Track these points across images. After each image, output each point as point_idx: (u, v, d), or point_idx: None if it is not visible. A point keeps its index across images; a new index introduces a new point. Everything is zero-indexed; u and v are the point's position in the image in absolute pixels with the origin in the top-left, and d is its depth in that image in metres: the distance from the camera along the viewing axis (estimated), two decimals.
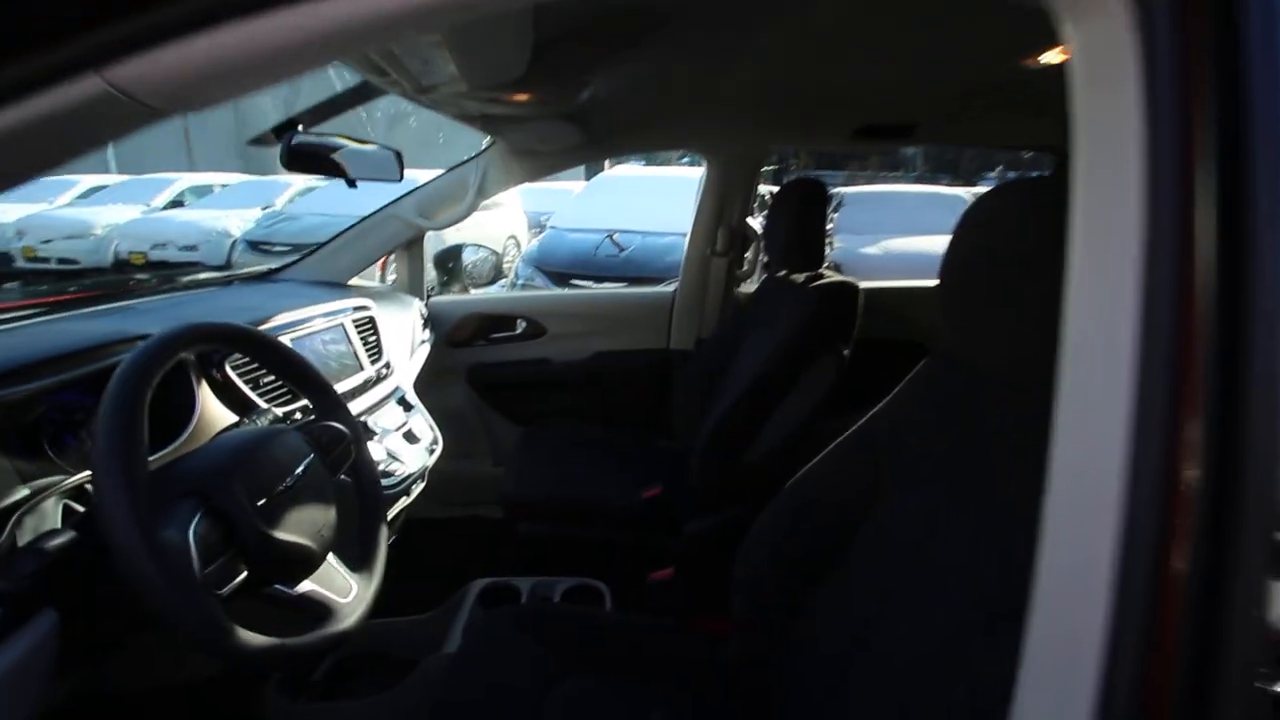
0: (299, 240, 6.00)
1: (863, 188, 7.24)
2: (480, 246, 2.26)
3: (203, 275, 1.67)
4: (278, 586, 0.74)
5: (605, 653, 1.02)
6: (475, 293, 2.13)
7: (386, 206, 1.78)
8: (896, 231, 4.66)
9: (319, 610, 0.76)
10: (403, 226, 1.79)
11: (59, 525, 0.74)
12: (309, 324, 1.21)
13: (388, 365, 1.39)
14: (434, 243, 2.20)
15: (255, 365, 1.02)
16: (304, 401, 1.09)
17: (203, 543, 0.63)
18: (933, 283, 1.97)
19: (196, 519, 0.64)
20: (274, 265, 1.79)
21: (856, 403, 1.13)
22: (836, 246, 4.85)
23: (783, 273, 1.67)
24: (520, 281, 4.50)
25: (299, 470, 0.77)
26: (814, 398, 1.38)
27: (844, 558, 0.91)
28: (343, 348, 1.26)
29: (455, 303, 1.99)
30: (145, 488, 0.59)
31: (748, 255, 2.04)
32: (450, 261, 2.13)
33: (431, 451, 1.36)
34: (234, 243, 6.32)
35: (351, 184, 1.09)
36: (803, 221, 1.48)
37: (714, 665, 1.05)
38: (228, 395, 0.96)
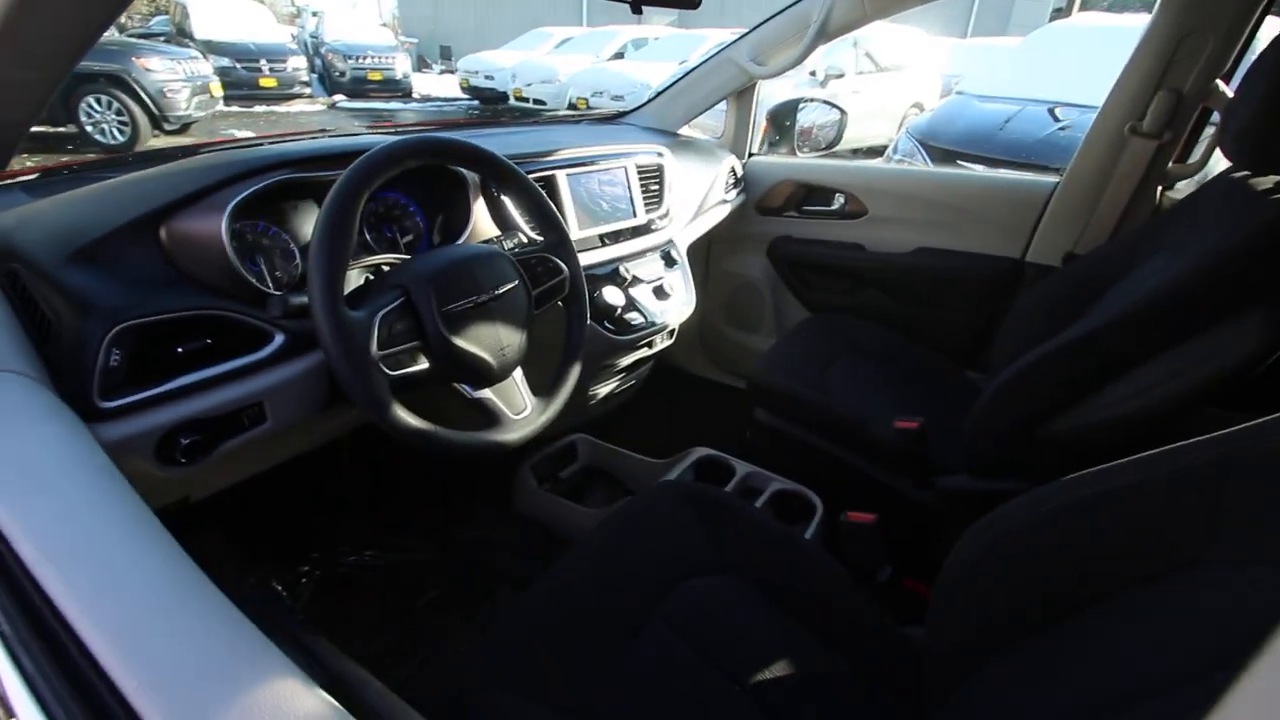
0: None
1: None
2: (828, 104, 1.99)
3: (562, 112, 1.85)
4: (463, 386, 0.84)
5: (770, 569, 0.92)
6: (802, 156, 1.92)
7: (723, 49, 1.67)
8: None
9: (489, 417, 0.85)
10: (736, 73, 1.67)
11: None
12: (593, 164, 1.26)
13: (665, 216, 1.38)
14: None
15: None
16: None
17: (389, 329, 0.74)
18: None
19: (389, 308, 0.74)
20: (622, 109, 1.88)
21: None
22: None
23: (1244, 173, 1.05)
24: (897, 157, 3.94)
25: (498, 291, 0.82)
26: (1205, 371, 0.90)
27: (1111, 606, 0.62)
28: (619, 190, 1.28)
29: (774, 165, 1.83)
30: (342, 274, 0.70)
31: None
32: (786, 119, 1.94)
33: (681, 313, 1.34)
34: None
35: (636, 9, 1.02)
36: None
37: (890, 642, 0.86)
38: (497, 212, 1.07)
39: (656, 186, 1.38)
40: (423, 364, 0.77)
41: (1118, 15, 4.58)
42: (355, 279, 0.94)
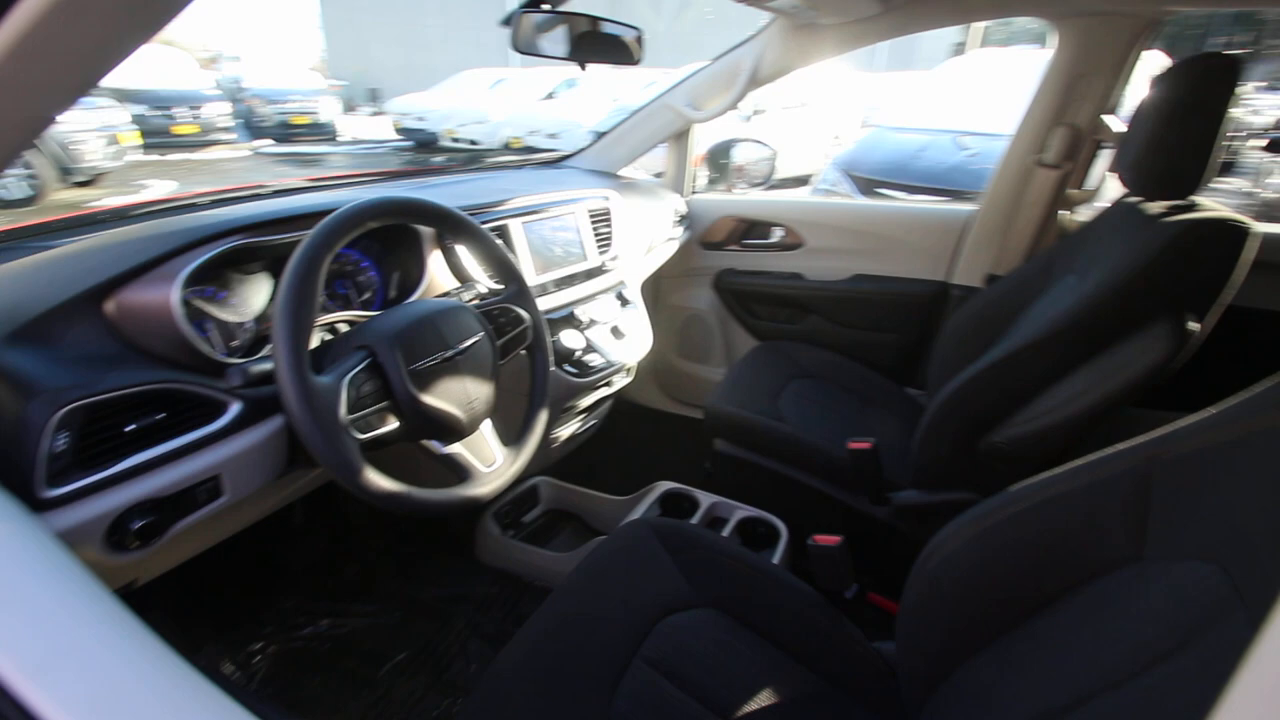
0: None
1: None
2: (759, 143, 2.10)
3: (503, 158, 1.88)
4: (431, 442, 0.83)
5: (742, 599, 0.94)
6: (738, 193, 2.00)
7: (661, 95, 1.74)
8: None
9: (460, 471, 0.84)
10: (673, 117, 1.74)
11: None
12: (544, 210, 1.28)
13: (616, 258, 1.41)
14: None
15: None
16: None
17: (357, 391, 0.73)
18: None
19: (356, 370, 0.73)
20: (564, 154, 1.92)
21: (1199, 393, 0.75)
22: None
23: (1136, 199, 1.17)
24: (824, 187, 4.15)
25: (464, 345, 0.83)
26: (1123, 378, 0.99)
27: (1062, 606, 0.67)
28: (571, 235, 1.31)
29: (715, 202, 1.91)
30: (307, 340, 0.69)
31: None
32: (721, 158, 2.03)
33: (637, 351, 1.37)
34: (586, 132, 7.15)
35: (583, 67, 1.06)
36: (1179, 123, 0.99)
37: (863, 658, 0.89)
38: (453, 264, 1.08)
39: (606, 229, 1.41)
40: (392, 424, 0.76)
41: (1007, 49, 5.01)
42: (313, 339, 0.92)
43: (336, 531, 1.49)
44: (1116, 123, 1.38)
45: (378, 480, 0.71)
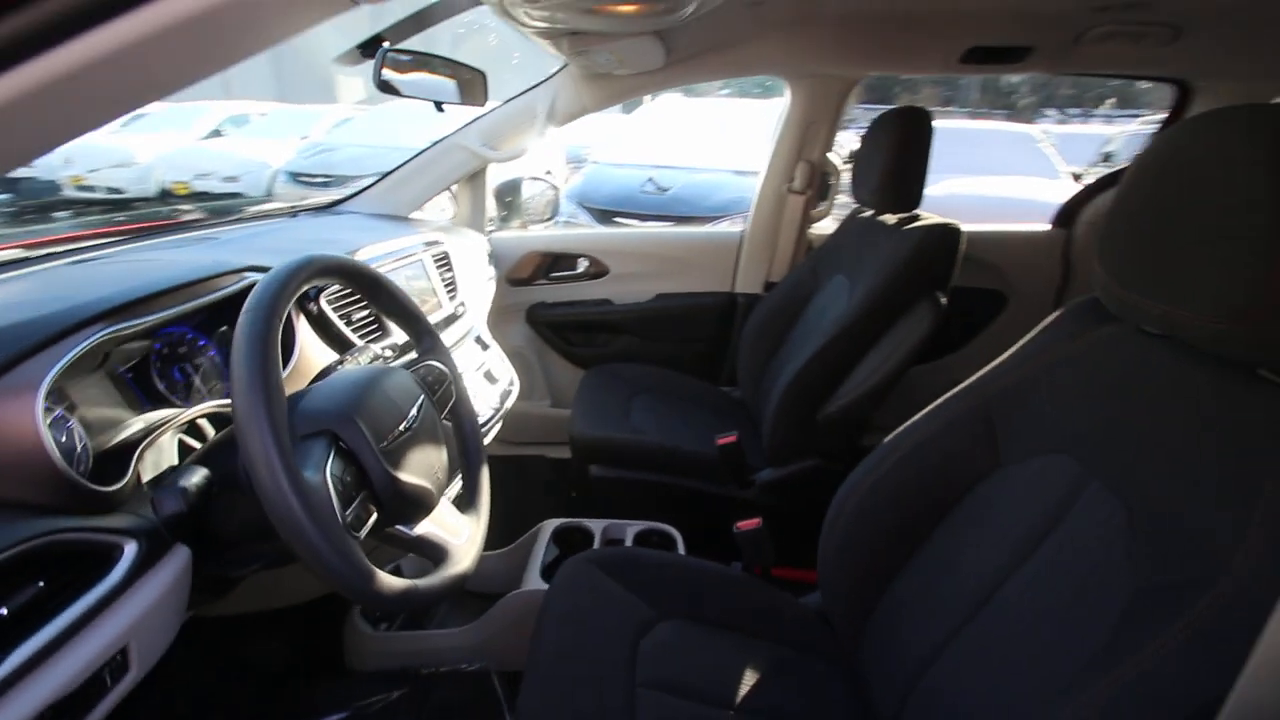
0: (340, 172, 5.91)
1: None
2: (539, 179, 2.17)
3: (269, 206, 1.62)
4: (399, 528, 0.73)
5: (694, 599, 1.01)
6: (534, 229, 2.06)
7: (450, 135, 1.71)
8: (961, 171, 4.39)
9: (437, 551, 0.75)
10: (467, 157, 1.72)
11: (176, 460, 0.73)
12: (392, 258, 1.17)
13: (463, 303, 1.36)
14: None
15: (348, 301, 0.99)
16: (392, 339, 1.06)
17: (339, 484, 0.61)
18: (1017, 227, 1.84)
19: (330, 459, 0.61)
20: (335, 196, 1.74)
21: (937, 350, 1.05)
22: None
23: (869, 213, 1.57)
24: (563, 218, 4.40)
25: (414, 411, 0.74)
26: (906, 348, 1.31)
27: (952, 520, 0.87)
28: (424, 283, 1.22)
29: (517, 239, 1.93)
30: (286, 427, 0.56)
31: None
32: (509, 195, 2.05)
33: (509, 393, 1.34)
34: (274, 174, 6.29)
35: (439, 107, 1.02)
36: (903, 155, 1.37)
37: (800, 617, 1.03)
38: (324, 332, 0.93)
39: (450, 274, 1.34)
40: (373, 514, 0.65)
41: (692, 99, 5.91)
42: (169, 445, 0.73)
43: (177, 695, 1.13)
44: (836, 159, 1.81)
45: (390, 583, 0.61)
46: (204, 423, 0.77)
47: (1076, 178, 5.23)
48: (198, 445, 0.76)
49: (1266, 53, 1.42)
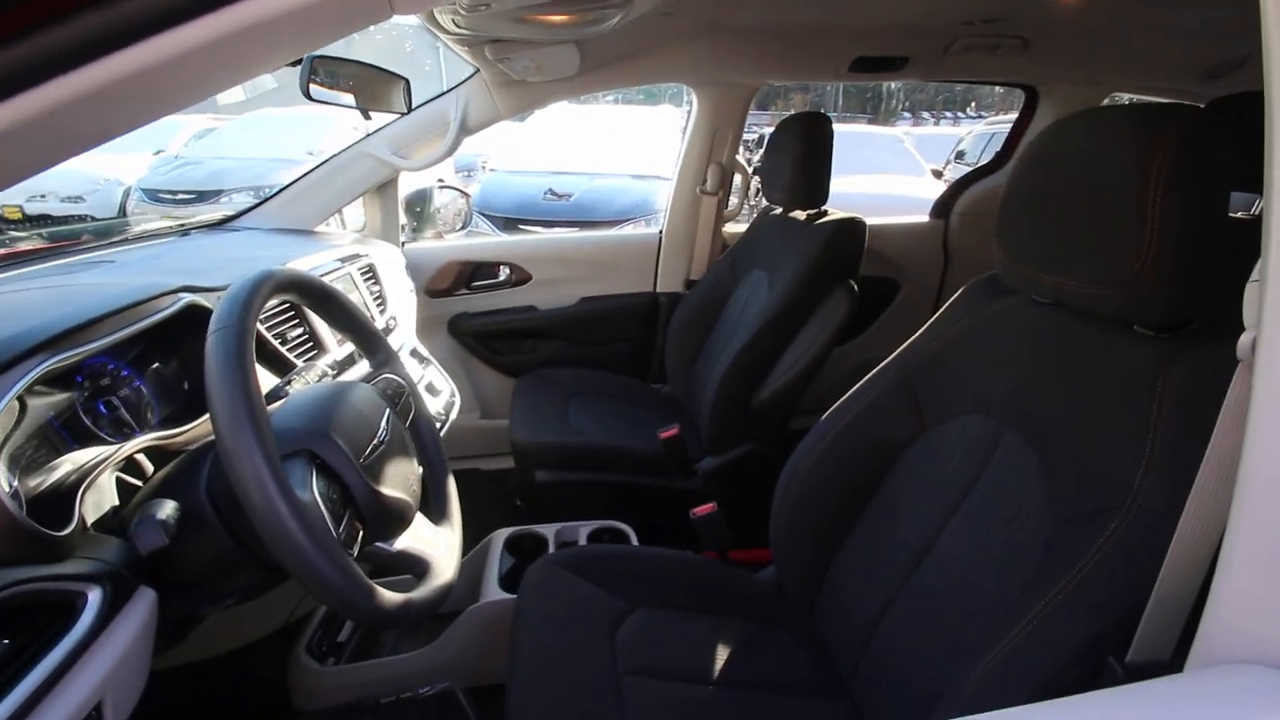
0: (203, 187, 5.43)
1: None
2: (448, 188, 2.13)
3: (154, 225, 1.49)
4: (378, 544, 0.71)
5: (660, 587, 1.04)
6: (450, 239, 2.01)
7: (356, 144, 1.64)
8: (846, 171, 4.72)
9: (419, 565, 0.74)
10: (376, 166, 1.66)
11: (116, 501, 0.67)
12: (318, 273, 1.11)
13: (394, 317, 1.31)
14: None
15: (279, 320, 0.94)
16: (331, 356, 1.02)
17: (327, 502, 0.59)
18: (906, 219, 2.05)
19: (314, 478, 0.59)
20: (227, 213, 1.62)
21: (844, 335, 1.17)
22: None
23: (779, 211, 1.67)
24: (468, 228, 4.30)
25: (383, 424, 0.73)
26: (827, 333, 1.42)
27: (889, 484, 0.96)
28: (354, 297, 1.17)
29: (434, 249, 1.88)
30: (276, 448, 0.54)
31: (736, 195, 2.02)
32: (418, 205, 2.00)
33: (452, 404, 1.31)
34: (127, 191, 5.66)
35: (366, 115, 0.99)
36: (808, 157, 1.48)
37: (760, 593, 1.10)
38: (261, 354, 0.88)
39: (377, 287, 1.29)
40: (359, 531, 0.63)
41: (582, 106, 5.95)
42: (108, 485, 0.67)
43: None
44: (740, 161, 1.92)
45: (390, 598, 0.60)
46: (141, 458, 0.72)
47: (938, 174, 5.81)
48: (138, 482, 0.70)
49: (1098, 62, 1.68)
